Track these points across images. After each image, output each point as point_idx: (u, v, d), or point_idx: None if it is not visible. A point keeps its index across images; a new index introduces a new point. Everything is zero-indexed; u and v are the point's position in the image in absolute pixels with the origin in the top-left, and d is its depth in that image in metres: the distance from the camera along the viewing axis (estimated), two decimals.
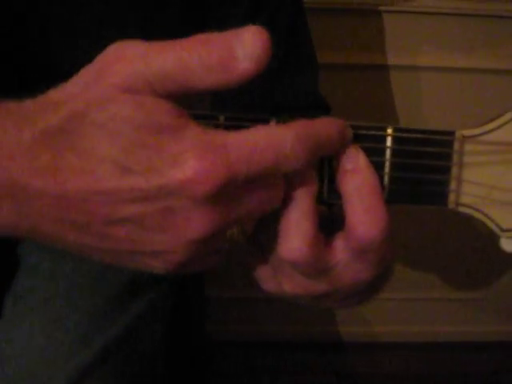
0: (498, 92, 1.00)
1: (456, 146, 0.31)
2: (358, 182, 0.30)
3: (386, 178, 0.32)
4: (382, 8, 0.92)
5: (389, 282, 0.37)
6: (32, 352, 0.48)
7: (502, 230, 0.33)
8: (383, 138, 0.31)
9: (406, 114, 1.01)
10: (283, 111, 0.55)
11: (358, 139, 0.31)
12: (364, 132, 0.31)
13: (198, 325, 0.73)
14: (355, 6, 0.91)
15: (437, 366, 1.22)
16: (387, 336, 1.27)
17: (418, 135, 0.31)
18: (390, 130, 0.31)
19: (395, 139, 0.31)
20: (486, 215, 0.32)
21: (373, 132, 0.31)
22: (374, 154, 0.31)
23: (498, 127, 0.32)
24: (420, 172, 0.31)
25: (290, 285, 0.33)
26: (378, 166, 0.31)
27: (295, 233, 0.30)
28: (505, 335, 1.27)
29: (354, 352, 1.24)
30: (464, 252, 1.18)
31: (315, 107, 0.57)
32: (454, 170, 0.31)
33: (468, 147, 0.32)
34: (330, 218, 0.33)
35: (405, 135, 0.31)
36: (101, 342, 0.49)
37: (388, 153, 0.31)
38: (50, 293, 0.51)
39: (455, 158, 0.31)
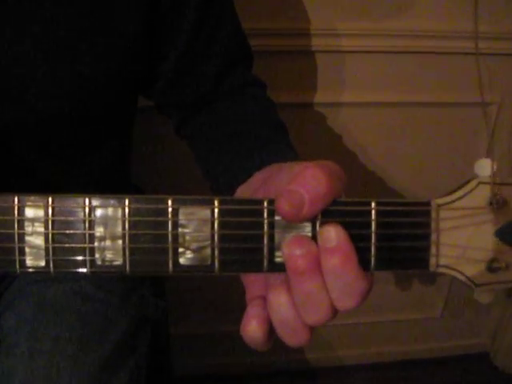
0: (423, 123, 1.07)
1: (433, 214, 0.35)
2: (336, 260, 0.33)
3: (373, 249, 0.35)
4: (309, 49, 0.96)
5: None
6: None
7: (476, 285, 0.36)
8: (368, 212, 0.34)
9: (332, 149, 1.05)
10: (222, 96, 0.59)
11: (344, 214, 0.34)
12: (350, 208, 0.34)
13: (164, 362, 0.74)
14: (281, 47, 0.94)
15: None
16: (350, 359, 1.31)
17: (399, 208, 0.35)
18: (373, 204, 0.34)
19: (379, 213, 0.34)
20: (461, 273, 0.36)
21: (358, 207, 0.34)
22: (361, 227, 0.34)
23: (466, 194, 0.36)
24: (403, 240, 0.35)
25: None
26: (364, 238, 0.34)
27: None
28: (462, 349, 1.33)
29: (322, 377, 1.26)
30: (419, 274, 1.23)
31: (250, 85, 0.61)
32: (433, 236, 0.35)
33: (443, 214, 0.35)
34: None
35: (387, 208, 0.35)
36: None
37: (373, 225, 0.34)
38: (29, 374, 0.51)
39: (433, 225, 0.35)
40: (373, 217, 0.34)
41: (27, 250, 0.35)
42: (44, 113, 0.49)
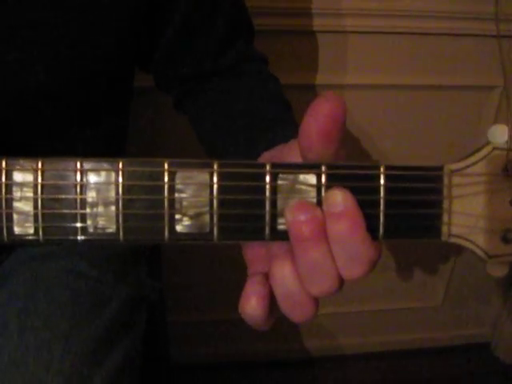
0: (426, 106, 1.05)
1: (445, 180, 0.33)
2: (343, 226, 0.31)
3: (382, 216, 0.33)
4: (313, 28, 0.94)
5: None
6: None
7: (489, 257, 0.34)
8: (377, 177, 0.32)
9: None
10: (224, 70, 0.57)
11: (352, 179, 0.32)
12: (357, 172, 0.32)
13: (162, 350, 0.72)
14: (282, 26, 0.92)
15: (401, 373, 1.25)
16: (350, 348, 1.29)
17: (410, 172, 0.33)
18: (382, 169, 0.32)
19: (388, 177, 0.32)
20: (474, 243, 0.34)
21: (366, 171, 0.32)
22: (369, 192, 0.32)
23: (480, 160, 0.34)
24: (413, 207, 0.33)
25: None
26: (373, 204, 0.32)
27: None
28: (463, 339, 1.31)
29: (321, 366, 1.25)
30: (420, 262, 1.22)
31: (253, 60, 0.59)
32: (445, 203, 0.33)
33: (456, 180, 0.33)
34: None
35: (397, 173, 0.33)
36: None
37: (382, 191, 0.32)
38: (20, 353, 0.49)
39: (445, 191, 0.33)
40: (382, 182, 0.32)
41: (15, 216, 0.33)
42: (46, 86, 0.47)
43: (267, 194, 0.32)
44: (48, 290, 0.53)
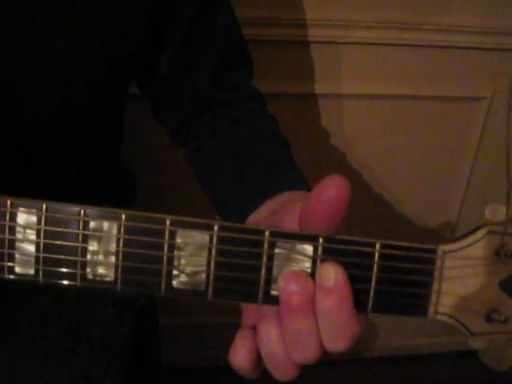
0: (415, 116, 1.07)
1: (438, 262, 0.34)
2: (331, 302, 0.32)
3: (372, 292, 0.34)
4: (310, 39, 0.94)
5: None
6: None
7: (472, 334, 0.36)
8: (371, 254, 0.33)
9: (327, 140, 1.06)
10: (221, 106, 0.57)
11: (347, 253, 0.33)
12: (353, 248, 0.33)
13: (153, 356, 0.74)
14: (280, 37, 0.92)
15: (389, 379, 1.28)
16: (339, 353, 1.31)
17: (404, 252, 0.33)
18: (377, 246, 0.33)
19: (382, 256, 0.33)
20: (458, 321, 0.35)
21: (361, 248, 0.33)
22: (362, 268, 0.33)
23: (474, 242, 0.35)
24: (404, 286, 0.34)
25: None
26: (365, 280, 0.33)
27: None
28: (453, 346, 1.33)
29: (309, 372, 1.26)
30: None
31: (250, 99, 0.59)
32: (435, 285, 0.34)
33: (448, 263, 0.34)
34: None
35: (391, 252, 0.33)
36: None
37: (375, 268, 0.33)
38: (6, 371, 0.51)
39: (436, 273, 0.34)
40: (376, 259, 0.33)
41: (17, 256, 0.34)
42: (43, 93, 0.47)
43: (264, 260, 0.33)
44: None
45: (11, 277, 0.34)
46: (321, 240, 0.33)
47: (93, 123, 0.54)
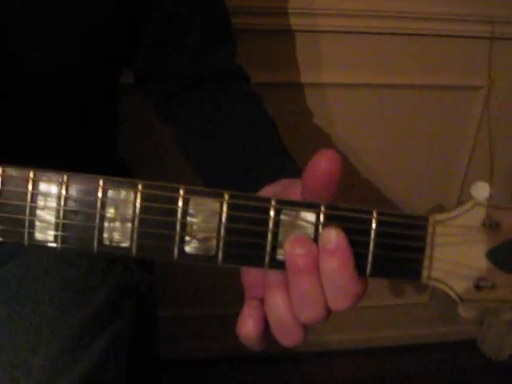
0: (410, 106, 1.08)
1: (429, 229, 0.37)
2: (334, 262, 0.35)
3: (370, 256, 0.36)
4: (292, 27, 0.95)
5: None
6: None
7: (462, 300, 0.38)
8: (369, 221, 0.36)
9: (309, 129, 1.06)
10: (206, 83, 0.59)
11: (347, 220, 0.36)
12: (352, 214, 0.36)
13: (151, 345, 0.75)
14: (262, 26, 0.93)
15: (388, 369, 1.28)
16: (336, 344, 1.32)
17: (399, 220, 0.36)
18: (375, 214, 0.36)
19: (379, 222, 0.36)
20: (449, 287, 0.38)
21: (360, 215, 0.36)
22: (361, 233, 0.36)
23: (462, 213, 0.38)
24: (399, 251, 0.37)
25: None
26: (363, 245, 0.36)
27: None
28: (450, 335, 1.34)
29: (306, 362, 1.27)
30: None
31: (234, 77, 0.61)
32: (427, 250, 0.37)
33: (438, 230, 0.37)
34: None
35: (387, 219, 0.36)
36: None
37: (373, 234, 0.36)
38: (8, 337, 0.51)
39: (428, 239, 0.37)
40: (373, 226, 0.36)
41: (37, 223, 0.36)
42: (40, 74, 0.50)
43: (270, 226, 0.36)
44: (37, 277, 0.56)
45: (31, 242, 0.36)
46: (322, 208, 0.36)
47: (84, 107, 0.56)
